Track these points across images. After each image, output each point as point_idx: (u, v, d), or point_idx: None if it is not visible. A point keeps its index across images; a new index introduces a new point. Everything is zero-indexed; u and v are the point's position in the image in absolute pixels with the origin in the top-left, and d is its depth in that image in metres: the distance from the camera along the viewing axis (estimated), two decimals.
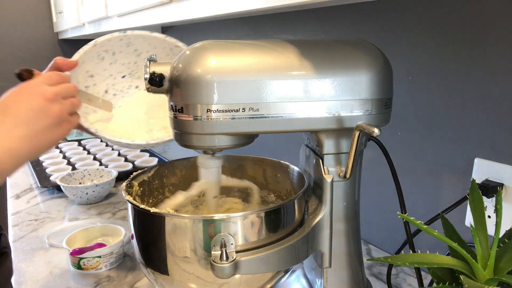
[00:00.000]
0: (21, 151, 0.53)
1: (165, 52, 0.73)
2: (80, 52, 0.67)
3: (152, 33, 0.71)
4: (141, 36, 0.71)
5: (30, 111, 0.54)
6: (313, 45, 0.54)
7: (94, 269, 0.82)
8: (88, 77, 0.73)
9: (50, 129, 0.55)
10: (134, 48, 0.73)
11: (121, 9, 1.25)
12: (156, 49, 0.73)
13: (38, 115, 0.54)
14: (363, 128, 0.49)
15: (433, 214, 0.61)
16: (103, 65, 0.73)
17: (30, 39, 2.45)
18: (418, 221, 0.43)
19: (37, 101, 0.55)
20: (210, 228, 0.50)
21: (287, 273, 0.59)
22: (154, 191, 0.69)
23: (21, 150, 0.53)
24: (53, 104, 0.55)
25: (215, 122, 0.50)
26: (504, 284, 0.42)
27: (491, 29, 0.63)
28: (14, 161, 0.53)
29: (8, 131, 0.52)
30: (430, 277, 0.63)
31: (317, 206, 0.58)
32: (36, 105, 0.54)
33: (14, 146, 0.52)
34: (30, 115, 0.54)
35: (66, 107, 0.58)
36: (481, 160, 0.67)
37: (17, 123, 0.53)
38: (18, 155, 0.53)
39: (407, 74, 0.77)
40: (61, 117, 0.57)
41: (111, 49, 0.71)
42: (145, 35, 0.71)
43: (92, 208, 1.15)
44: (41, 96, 0.55)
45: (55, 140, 0.57)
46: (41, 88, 0.56)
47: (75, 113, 0.61)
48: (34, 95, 0.55)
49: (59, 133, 0.57)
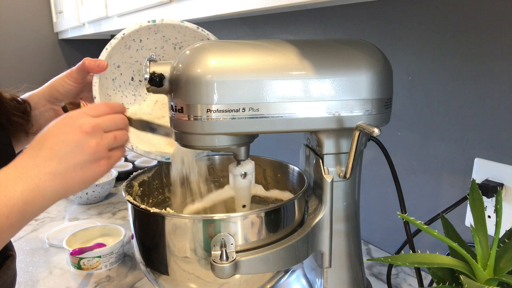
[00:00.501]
0: (49, 189, 0.48)
1: (195, 41, 0.71)
2: (108, 49, 0.64)
3: (183, 22, 0.68)
4: (171, 25, 0.68)
5: (64, 144, 0.49)
6: (313, 45, 0.54)
7: (94, 269, 0.82)
8: (115, 68, 0.71)
9: (84, 167, 0.49)
10: (162, 35, 0.70)
11: (121, 9, 1.25)
12: (186, 37, 0.70)
13: (72, 149, 0.49)
14: (363, 128, 0.49)
15: (433, 214, 0.61)
16: (130, 53, 0.70)
17: (30, 39, 2.45)
18: (418, 221, 0.43)
19: (73, 134, 0.49)
20: (210, 228, 0.50)
21: (287, 273, 0.59)
22: (154, 191, 0.69)
23: (50, 188, 0.48)
24: (91, 138, 0.49)
25: (215, 122, 0.50)
26: (504, 284, 0.42)
27: (491, 29, 0.63)
28: (41, 200, 0.47)
29: (39, 166, 0.47)
30: (430, 277, 0.63)
31: (317, 206, 0.58)
32: (71, 138, 0.49)
33: (43, 185, 0.47)
34: (63, 149, 0.48)
35: (106, 142, 0.51)
36: (481, 160, 0.67)
37: (50, 157, 0.48)
38: (45, 194, 0.48)
39: (407, 74, 0.77)
40: (99, 153, 0.50)
41: (138, 38, 0.69)
42: (176, 24, 0.68)
43: (92, 208, 1.15)
44: (78, 128, 0.49)
45: (89, 179, 0.51)
46: (80, 119, 0.50)
47: (119, 148, 0.54)
48: (72, 127, 0.49)
49: (94, 171, 0.50)
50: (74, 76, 0.68)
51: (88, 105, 0.54)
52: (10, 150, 0.64)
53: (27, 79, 2.38)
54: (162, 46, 0.72)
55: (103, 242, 0.88)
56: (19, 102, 0.70)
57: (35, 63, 2.46)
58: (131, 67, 0.72)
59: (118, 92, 0.72)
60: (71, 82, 0.68)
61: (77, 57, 2.53)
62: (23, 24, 2.42)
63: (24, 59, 2.43)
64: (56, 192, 0.49)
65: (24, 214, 0.47)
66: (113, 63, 0.69)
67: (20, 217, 0.46)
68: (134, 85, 0.74)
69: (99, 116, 0.52)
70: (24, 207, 0.46)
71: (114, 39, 0.64)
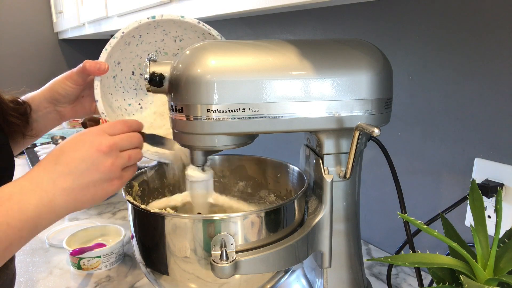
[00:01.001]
0: (62, 204, 0.49)
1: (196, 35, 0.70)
2: (108, 49, 0.64)
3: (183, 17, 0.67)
4: (171, 20, 0.67)
5: (81, 162, 0.49)
6: (313, 45, 0.54)
7: (94, 269, 0.82)
8: (115, 66, 0.70)
9: (97, 185, 0.50)
10: (162, 29, 0.70)
11: (121, 9, 1.26)
12: (186, 30, 0.70)
13: (88, 167, 0.49)
14: (363, 128, 0.49)
15: (433, 214, 0.61)
16: (130, 48, 0.70)
17: (30, 39, 2.45)
18: (418, 221, 0.43)
19: (90, 152, 0.50)
20: (210, 228, 0.50)
21: (287, 273, 0.59)
22: (154, 191, 0.69)
23: (63, 204, 0.49)
24: (107, 157, 0.50)
25: (215, 122, 0.50)
26: (504, 284, 0.42)
27: (491, 29, 0.63)
28: (53, 215, 0.48)
29: (55, 182, 0.48)
30: (430, 277, 0.63)
31: (317, 206, 0.58)
32: (88, 156, 0.50)
33: (56, 200, 0.48)
34: (80, 166, 0.49)
35: (121, 162, 0.52)
36: (481, 160, 0.67)
37: (66, 173, 0.49)
38: (58, 209, 0.49)
39: (407, 74, 0.77)
40: (113, 173, 0.51)
41: (137, 34, 0.68)
42: (176, 19, 0.67)
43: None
44: (96, 147, 0.50)
45: (100, 197, 0.51)
46: (98, 138, 0.51)
47: (131, 167, 0.55)
48: (90, 145, 0.50)
49: (106, 190, 0.51)
50: (75, 79, 0.68)
51: (107, 123, 0.55)
52: (7, 150, 0.64)
53: (27, 79, 2.39)
54: (162, 39, 0.71)
55: (103, 242, 0.88)
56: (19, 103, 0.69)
57: (35, 63, 2.46)
58: (131, 61, 0.72)
59: (120, 88, 0.72)
60: (71, 84, 0.68)
61: (77, 57, 2.53)
62: (23, 24, 2.42)
63: (24, 59, 2.43)
64: (67, 207, 0.50)
65: (36, 227, 0.48)
66: (113, 61, 0.69)
67: (33, 230, 0.47)
68: (135, 79, 0.74)
69: (116, 135, 0.53)
70: (37, 221, 0.47)
71: (114, 39, 0.64)
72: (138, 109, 0.74)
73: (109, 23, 1.45)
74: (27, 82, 2.36)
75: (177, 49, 0.73)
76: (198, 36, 0.70)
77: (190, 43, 0.70)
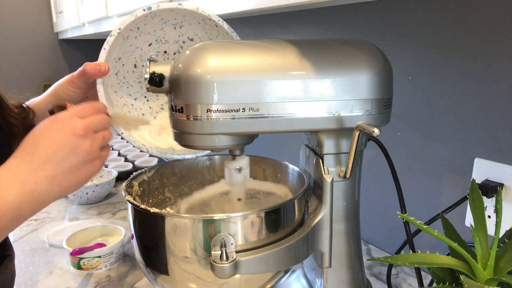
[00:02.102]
0: (46, 193, 0.49)
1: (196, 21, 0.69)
2: (106, 48, 0.63)
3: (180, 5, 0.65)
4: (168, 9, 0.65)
5: (60, 148, 0.49)
6: (313, 45, 0.54)
7: (94, 269, 0.82)
8: (115, 62, 0.70)
9: (79, 168, 0.51)
10: (161, 18, 0.68)
11: (121, 9, 1.26)
12: (186, 17, 0.68)
13: (67, 152, 0.49)
14: (363, 128, 0.49)
15: (433, 214, 0.61)
16: (129, 42, 0.69)
17: (30, 39, 2.45)
18: (418, 221, 0.43)
19: (67, 137, 0.50)
20: (210, 228, 0.50)
21: (287, 273, 0.59)
22: (154, 191, 0.69)
23: (46, 192, 0.49)
24: (84, 140, 0.51)
25: (215, 122, 0.50)
26: (504, 284, 0.42)
27: (491, 29, 0.63)
28: (36, 204, 0.48)
29: (35, 171, 0.48)
30: (430, 277, 0.63)
31: (317, 206, 0.58)
32: (66, 142, 0.50)
33: (39, 188, 0.48)
34: (59, 153, 0.49)
35: (98, 142, 0.53)
36: (481, 160, 0.67)
37: (46, 161, 0.49)
38: (41, 197, 0.48)
39: (407, 74, 0.77)
40: (92, 154, 0.52)
41: (135, 27, 0.68)
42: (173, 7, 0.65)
43: (92, 208, 1.15)
44: (71, 131, 0.50)
45: (84, 179, 0.52)
46: (71, 122, 0.51)
47: (106, 147, 0.56)
48: (65, 130, 0.50)
49: (89, 171, 0.52)
50: (76, 82, 0.67)
51: (74, 107, 0.55)
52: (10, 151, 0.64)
53: (27, 79, 2.39)
54: (161, 28, 0.70)
55: (103, 242, 0.88)
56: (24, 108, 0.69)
57: (35, 63, 2.46)
58: (132, 54, 0.71)
59: (124, 84, 0.72)
60: (73, 88, 0.68)
61: (77, 57, 2.53)
62: (23, 24, 2.42)
63: (24, 59, 2.43)
64: (53, 194, 0.50)
65: (18, 217, 0.47)
66: (113, 58, 0.68)
67: (14, 219, 0.47)
68: (138, 72, 0.73)
69: (87, 117, 0.53)
70: (18, 211, 0.47)
71: (111, 36, 0.63)
72: (145, 102, 0.74)
73: (109, 23, 1.45)
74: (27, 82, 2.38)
75: (178, 36, 0.71)
76: (199, 21, 0.68)
77: (190, 29, 0.70)
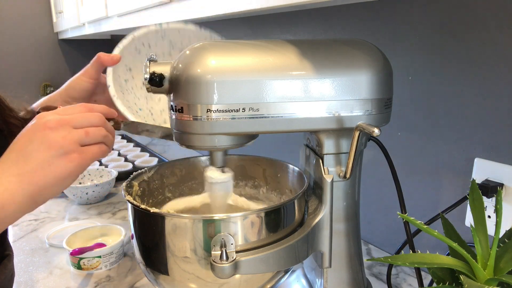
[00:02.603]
0: (20, 191, 0.46)
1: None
2: (120, 47, 0.68)
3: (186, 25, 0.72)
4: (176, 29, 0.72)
5: (30, 143, 0.47)
6: (313, 45, 0.54)
7: (94, 269, 0.82)
8: (127, 71, 0.74)
9: (52, 163, 0.47)
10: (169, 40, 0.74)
11: (121, 9, 1.25)
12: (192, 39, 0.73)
13: (37, 147, 0.47)
14: (363, 128, 0.49)
15: (433, 214, 0.61)
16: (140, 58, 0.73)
17: (30, 39, 2.45)
18: (418, 221, 0.43)
19: (37, 131, 0.48)
20: (210, 228, 0.50)
21: (287, 273, 0.59)
22: (154, 191, 0.69)
23: (20, 191, 0.46)
24: (56, 132, 0.48)
25: (215, 122, 0.50)
26: (504, 284, 0.42)
27: (491, 29, 0.63)
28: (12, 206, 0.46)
29: (8, 169, 0.46)
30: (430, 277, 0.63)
31: (317, 206, 0.58)
32: (35, 136, 0.48)
33: (12, 187, 0.46)
34: (29, 147, 0.47)
35: (75, 136, 0.49)
36: (481, 160, 0.67)
37: (17, 158, 0.47)
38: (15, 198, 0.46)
39: (407, 74, 0.77)
40: (66, 147, 0.48)
41: (147, 42, 0.72)
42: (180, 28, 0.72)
43: (92, 208, 1.15)
44: (43, 125, 0.48)
45: (61, 176, 0.48)
46: (45, 118, 0.49)
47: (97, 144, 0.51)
48: (37, 125, 0.48)
49: (65, 166, 0.48)
50: (89, 72, 0.71)
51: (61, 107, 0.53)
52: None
53: (27, 79, 2.40)
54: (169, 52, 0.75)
55: (103, 242, 0.88)
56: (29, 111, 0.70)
57: (35, 63, 2.46)
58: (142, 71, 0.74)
59: (131, 93, 0.74)
60: (86, 78, 0.71)
61: (77, 57, 2.53)
62: (23, 24, 2.42)
63: (24, 59, 2.43)
64: (28, 194, 0.47)
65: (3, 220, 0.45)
66: (125, 64, 0.72)
67: None
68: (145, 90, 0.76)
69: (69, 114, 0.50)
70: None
71: (125, 39, 0.68)
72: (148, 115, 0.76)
73: (109, 23, 1.45)
74: (27, 82, 2.38)
75: None
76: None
77: None
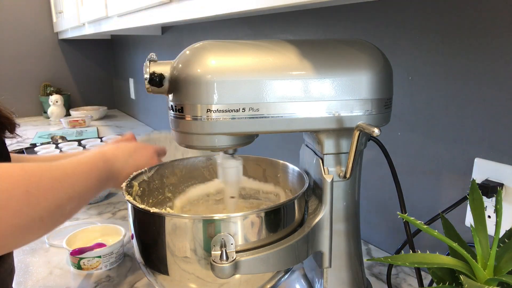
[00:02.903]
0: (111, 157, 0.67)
1: None
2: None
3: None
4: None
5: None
6: (313, 45, 0.54)
7: (94, 269, 0.82)
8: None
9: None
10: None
11: (121, 9, 1.25)
12: None
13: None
14: (363, 128, 0.49)
15: (433, 214, 0.61)
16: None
17: (30, 39, 2.45)
18: (418, 221, 0.44)
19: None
20: (210, 228, 0.50)
21: (287, 273, 0.59)
22: (154, 191, 0.69)
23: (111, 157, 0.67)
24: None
25: (215, 122, 0.50)
26: (504, 284, 0.42)
27: (491, 29, 0.63)
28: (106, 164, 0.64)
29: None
30: (430, 277, 0.63)
31: (317, 206, 0.58)
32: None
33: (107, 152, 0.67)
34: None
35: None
36: (481, 160, 0.67)
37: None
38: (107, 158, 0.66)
39: (407, 74, 0.77)
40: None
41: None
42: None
43: (92, 208, 1.15)
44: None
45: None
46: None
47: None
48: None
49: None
50: None
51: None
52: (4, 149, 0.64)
53: (27, 79, 2.40)
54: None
55: (103, 242, 0.87)
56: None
57: (35, 63, 2.46)
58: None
59: None
60: None
61: (77, 57, 2.53)
62: (23, 24, 2.42)
63: (24, 59, 2.43)
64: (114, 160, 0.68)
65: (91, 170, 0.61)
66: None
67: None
68: None
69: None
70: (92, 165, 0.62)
71: None
72: None
73: (109, 23, 1.45)
74: (27, 81, 2.38)
75: None
76: None
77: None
